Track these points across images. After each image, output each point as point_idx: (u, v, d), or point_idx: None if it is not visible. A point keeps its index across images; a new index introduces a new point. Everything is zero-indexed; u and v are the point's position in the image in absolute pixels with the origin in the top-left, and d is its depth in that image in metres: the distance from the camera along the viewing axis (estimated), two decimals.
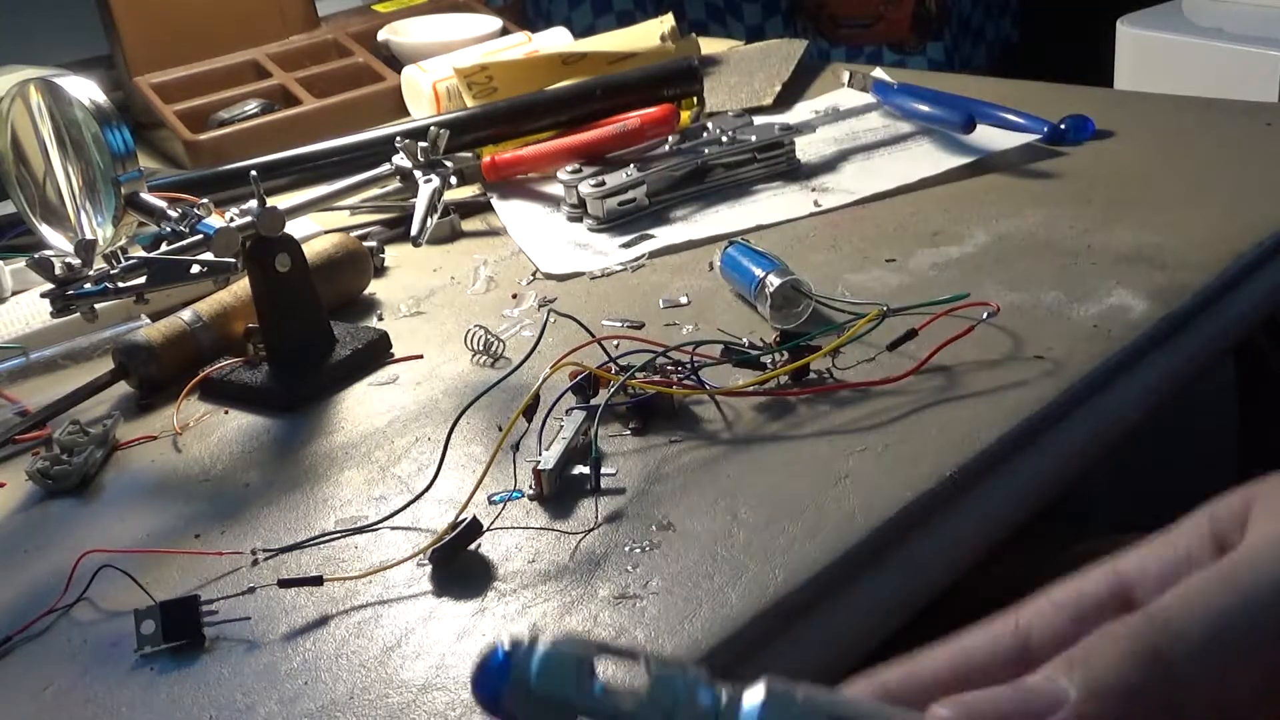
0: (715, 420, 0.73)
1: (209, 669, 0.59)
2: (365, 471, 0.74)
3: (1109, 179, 0.98)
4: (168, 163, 1.32)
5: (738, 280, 0.86)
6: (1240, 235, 0.85)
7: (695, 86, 1.19)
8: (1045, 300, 0.80)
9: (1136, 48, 1.77)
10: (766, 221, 0.99)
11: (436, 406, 0.80)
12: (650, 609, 0.58)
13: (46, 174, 0.87)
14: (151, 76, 1.37)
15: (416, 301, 0.95)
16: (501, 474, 0.69)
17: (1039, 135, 1.05)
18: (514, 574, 0.62)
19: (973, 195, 0.99)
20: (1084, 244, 0.87)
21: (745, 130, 1.08)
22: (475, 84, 1.24)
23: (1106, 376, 0.73)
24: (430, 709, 0.54)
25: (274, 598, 0.63)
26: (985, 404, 0.70)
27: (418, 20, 1.50)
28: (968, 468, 0.65)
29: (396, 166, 0.93)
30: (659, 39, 1.29)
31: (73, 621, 0.64)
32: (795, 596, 0.58)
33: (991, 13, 2.46)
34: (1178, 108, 1.11)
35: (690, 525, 0.64)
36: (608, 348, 0.78)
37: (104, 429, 0.80)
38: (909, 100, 1.14)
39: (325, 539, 0.67)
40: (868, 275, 0.88)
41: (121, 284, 0.78)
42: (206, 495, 0.74)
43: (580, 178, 1.04)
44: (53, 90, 0.84)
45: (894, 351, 0.75)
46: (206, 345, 0.87)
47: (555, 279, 0.95)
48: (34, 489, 0.77)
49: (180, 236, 0.82)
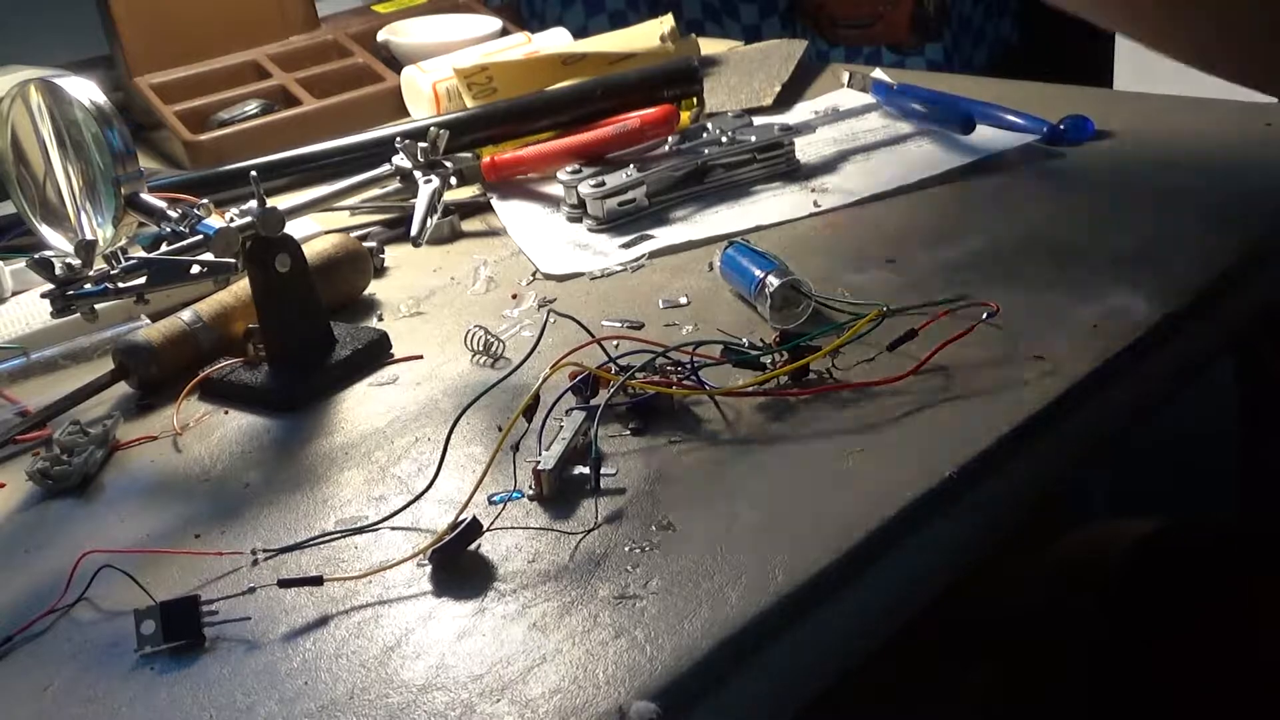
0: (715, 420, 0.73)
1: (209, 669, 0.59)
2: (365, 472, 0.74)
3: (1109, 179, 0.98)
4: (168, 163, 1.32)
5: (737, 280, 0.86)
6: (1240, 235, 0.85)
7: (695, 87, 1.19)
8: (1045, 300, 0.80)
9: (1136, 48, 1.77)
10: (766, 222, 0.99)
11: (436, 407, 0.80)
12: (650, 609, 0.58)
13: (46, 174, 0.87)
14: (151, 77, 1.37)
15: (416, 302, 0.95)
16: (501, 474, 0.69)
17: (1038, 135, 1.05)
18: (514, 574, 0.62)
19: (973, 195, 0.99)
20: (1084, 244, 0.87)
21: (745, 131, 1.08)
22: (475, 84, 1.24)
23: (1106, 376, 0.73)
24: (430, 709, 0.54)
25: (274, 598, 0.63)
26: (985, 404, 0.70)
27: (417, 21, 1.50)
28: (968, 468, 0.65)
29: (396, 167, 0.93)
30: (659, 39, 1.29)
31: (73, 621, 0.64)
32: (795, 596, 0.58)
33: (991, 13, 2.46)
34: (1178, 108, 1.11)
35: (690, 525, 0.64)
36: (608, 348, 0.78)
37: (104, 429, 0.80)
38: (908, 101, 1.14)
39: (325, 539, 0.67)
40: (867, 275, 0.88)
41: (122, 284, 0.78)
42: (206, 495, 0.74)
43: (580, 178, 1.04)
44: (53, 90, 0.84)
45: (894, 352, 0.75)
46: (206, 345, 0.88)
47: (555, 279, 0.95)
48: (34, 489, 0.77)
49: (180, 237, 0.82)
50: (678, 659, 0.55)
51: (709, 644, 0.55)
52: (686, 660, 0.55)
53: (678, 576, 0.60)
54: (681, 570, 0.60)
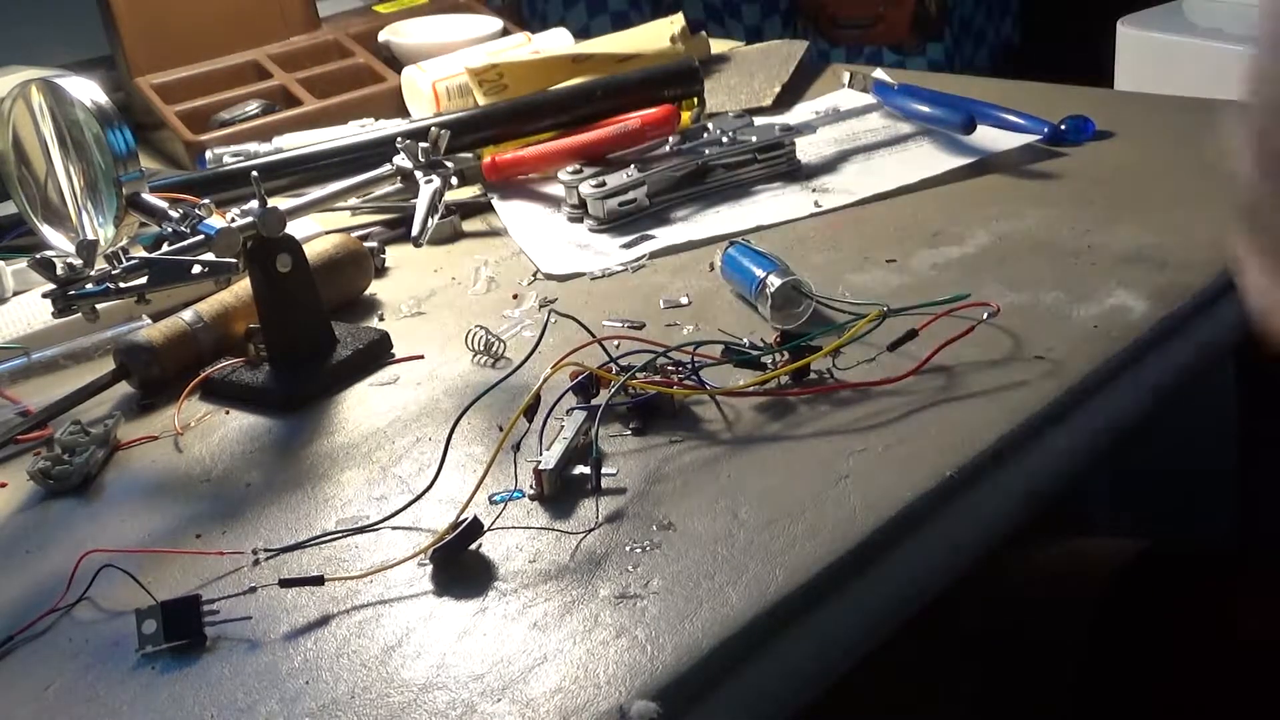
0: (716, 420, 0.73)
1: (210, 668, 0.59)
2: (366, 471, 0.74)
3: (1109, 179, 0.98)
4: (169, 163, 1.32)
5: (738, 281, 0.86)
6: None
7: (696, 87, 1.19)
8: (1045, 300, 0.80)
9: (1136, 48, 1.77)
10: (767, 222, 0.99)
11: (437, 407, 0.80)
12: (650, 609, 0.58)
13: (48, 174, 0.87)
14: (152, 77, 1.37)
15: (417, 302, 0.95)
16: (502, 474, 0.69)
17: (1039, 136, 1.05)
18: (514, 574, 0.62)
19: (973, 196, 0.99)
20: (1084, 244, 0.88)
21: (745, 131, 1.08)
22: (486, 82, 1.24)
23: (1106, 377, 0.73)
24: (431, 708, 0.54)
25: (275, 597, 0.63)
26: (985, 404, 0.70)
27: (418, 21, 1.50)
28: (968, 468, 0.65)
29: (397, 167, 0.93)
30: (669, 40, 1.29)
31: (74, 621, 0.64)
32: (795, 596, 0.58)
33: (992, 14, 2.46)
34: (1178, 108, 1.11)
35: (691, 525, 0.64)
36: (608, 348, 0.78)
37: (105, 429, 0.80)
38: (909, 101, 1.14)
39: (326, 539, 0.67)
40: (868, 275, 0.88)
41: (123, 284, 0.79)
42: (207, 495, 0.74)
43: (581, 178, 1.05)
44: (54, 91, 0.84)
45: (894, 352, 0.75)
46: (207, 345, 0.88)
47: (556, 279, 0.96)
48: (35, 489, 0.77)
49: (181, 237, 0.82)
50: (678, 658, 0.55)
51: (709, 643, 0.55)
52: (687, 660, 0.55)
53: (678, 576, 0.60)
54: (682, 570, 0.60)
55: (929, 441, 0.68)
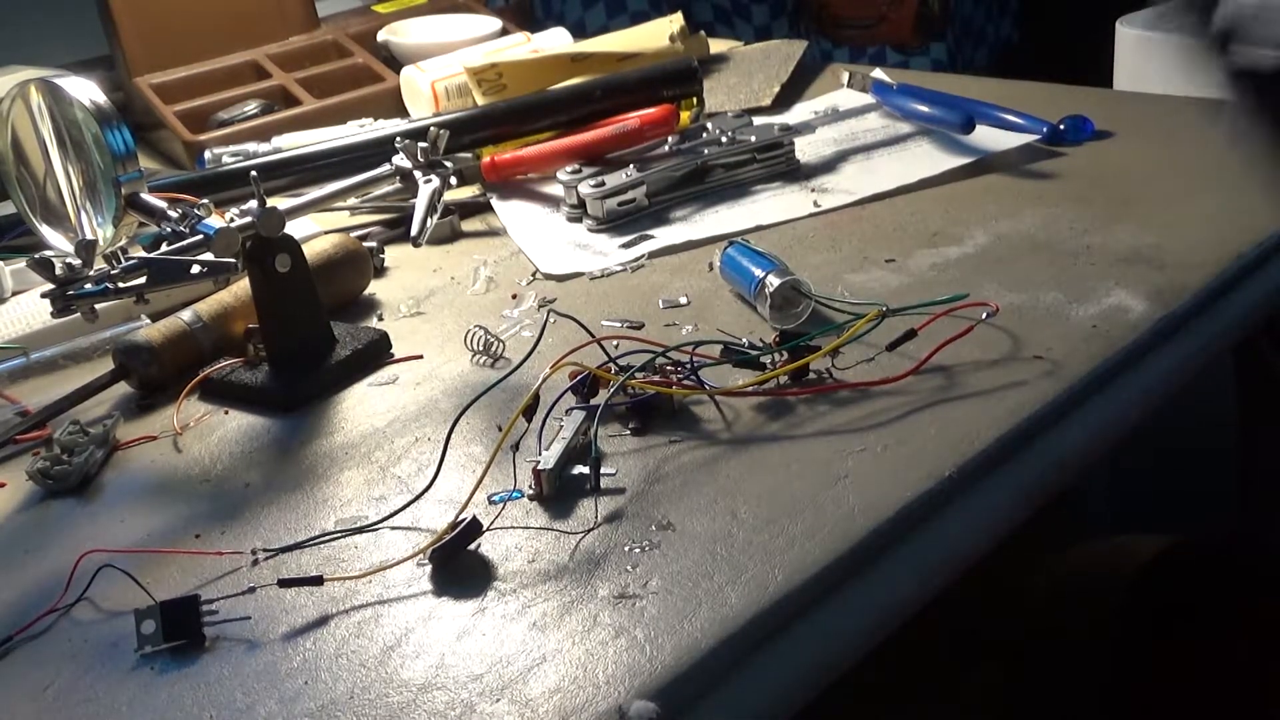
0: (715, 420, 0.73)
1: (209, 669, 0.59)
2: (365, 471, 0.74)
3: (1109, 179, 0.98)
4: (168, 163, 1.32)
5: (737, 280, 0.86)
6: (1239, 236, 0.85)
7: (695, 87, 1.19)
8: (1045, 300, 0.80)
9: (1136, 48, 1.77)
10: (766, 222, 0.99)
11: (436, 407, 0.80)
12: (650, 609, 0.58)
13: (47, 174, 0.87)
14: (151, 77, 1.37)
15: (416, 302, 0.95)
16: (501, 474, 0.69)
17: (1038, 136, 1.05)
18: (514, 574, 0.62)
19: (972, 195, 0.99)
20: (1084, 244, 0.87)
21: (745, 131, 1.08)
22: (485, 81, 1.24)
23: (1106, 376, 0.73)
24: (430, 708, 0.54)
25: (274, 597, 0.63)
26: (985, 404, 0.70)
27: (417, 21, 1.50)
28: (967, 468, 0.65)
29: (396, 167, 0.93)
30: (668, 39, 1.29)
31: (73, 621, 0.64)
32: (795, 596, 0.58)
33: (992, 13, 2.46)
34: (1178, 108, 1.11)
35: (690, 525, 0.64)
36: (607, 348, 0.78)
37: (104, 429, 0.80)
38: (908, 101, 1.14)
39: (325, 539, 0.67)
40: (867, 275, 0.88)
41: (122, 284, 0.79)
42: (207, 495, 0.74)
43: (580, 178, 1.05)
44: (53, 91, 0.84)
45: (893, 352, 0.75)
46: (207, 345, 0.88)
47: (555, 279, 0.95)
48: (34, 489, 0.77)
49: (180, 237, 0.82)
50: (678, 659, 0.55)
51: (709, 644, 0.55)
52: (686, 660, 0.55)
53: (677, 576, 0.60)
54: (681, 570, 0.60)
55: (928, 441, 0.68)
